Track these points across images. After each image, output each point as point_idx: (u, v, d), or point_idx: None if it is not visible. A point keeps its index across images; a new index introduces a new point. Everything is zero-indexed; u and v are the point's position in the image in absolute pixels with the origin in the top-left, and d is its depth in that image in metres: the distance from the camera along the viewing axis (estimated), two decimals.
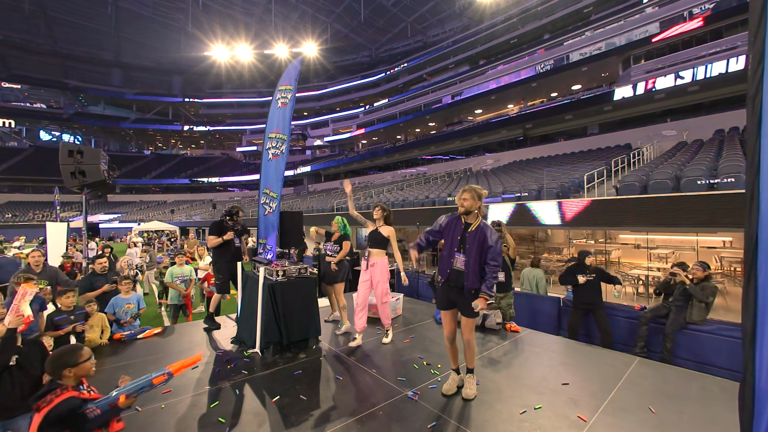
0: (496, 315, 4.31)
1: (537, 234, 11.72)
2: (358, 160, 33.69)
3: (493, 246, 2.49)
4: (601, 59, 18.84)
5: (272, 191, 3.96)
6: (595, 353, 3.62)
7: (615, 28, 19.22)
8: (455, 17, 34.71)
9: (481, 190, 2.64)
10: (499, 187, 11.12)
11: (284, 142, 3.89)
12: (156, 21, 42.55)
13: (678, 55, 15.77)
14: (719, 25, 15.06)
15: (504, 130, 22.43)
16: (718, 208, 5.70)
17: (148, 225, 19.92)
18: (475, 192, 2.59)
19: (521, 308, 4.81)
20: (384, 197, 16.53)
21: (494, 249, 2.49)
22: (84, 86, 45.40)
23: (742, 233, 1.25)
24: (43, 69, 43.38)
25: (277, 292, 3.46)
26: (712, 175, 6.52)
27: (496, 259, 2.49)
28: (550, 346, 3.82)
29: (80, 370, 1.72)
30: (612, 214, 7.08)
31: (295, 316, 3.54)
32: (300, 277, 3.70)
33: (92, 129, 47.98)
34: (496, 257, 2.49)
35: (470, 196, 2.57)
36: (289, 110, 3.92)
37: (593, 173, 8.24)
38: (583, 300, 4.50)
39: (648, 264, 8.77)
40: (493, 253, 2.49)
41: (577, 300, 4.55)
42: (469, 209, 2.58)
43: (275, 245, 3.91)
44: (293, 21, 41.88)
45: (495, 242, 2.50)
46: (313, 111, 44.16)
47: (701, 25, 15.33)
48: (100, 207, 38.17)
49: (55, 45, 43.49)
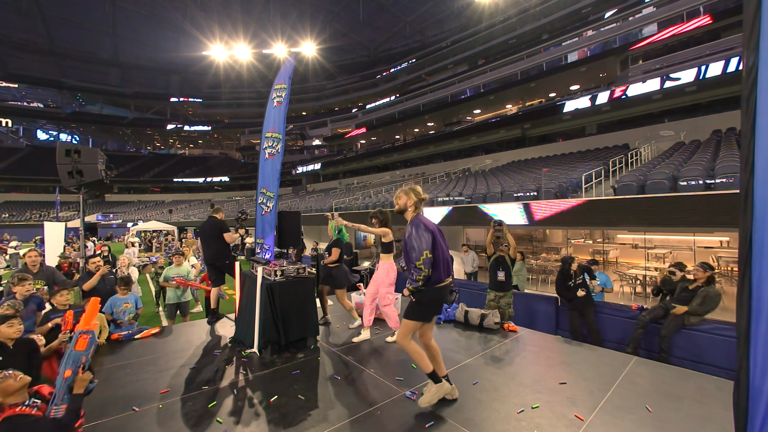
0: (494, 315, 4.34)
1: (535, 234, 11.76)
2: (357, 159, 33.69)
3: (406, 239, 2.51)
4: (599, 59, 18.97)
5: (269, 191, 3.96)
6: (592, 353, 3.64)
7: (613, 29, 19.35)
8: (454, 17, 34.72)
9: (416, 187, 2.68)
10: (498, 187, 11.15)
11: (280, 140, 3.89)
12: (154, 20, 42.47)
13: (676, 56, 15.84)
14: (717, 26, 15.15)
15: (503, 129, 22.49)
16: (715, 208, 5.72)
17: (146, 225, 19.86)
18: (406, 191, 2.64)
19: (519, 308, 4.84)
20: (382, 197, 16.53)
21: (407, 242, 2.49)
22: (81, 85, 45.21)
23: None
24: (40, 68, 43.21)
25: (275, 292, 3.45)
26: (709, 175, 6.54)
27: (409, 252, 2.47)
28: (547, 346, 3.83)
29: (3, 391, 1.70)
30: (608, 213, 7.09)
31: (293, 316, 3.53)
32: (298, 277, 3.69)
33: (90, 128, 47.81)
34: (408, 250, 2.47)
35: (402, 194, 2.65)
36: (284, 109, 3.91)
37: (591, 173, 8.26)
38: (576, 303, 4.60)
39: (646, 264, 8.81)
40: (407, 246, 2.50)
41: (571, 303, 4.65)
42: (402, 208, 2.66)
43: (273, 245, 3.90)
44: (292, 20, 41.81)
45: (408, 235, 2.49)
46: (312, 110, 44.13)
47: (699, 26, 15.43)
48: (98, 207, 38.03)
49: (52, 44, 43.32)
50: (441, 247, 2.52)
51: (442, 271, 2.50)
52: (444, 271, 2.52)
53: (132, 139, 52.57)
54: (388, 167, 31.03)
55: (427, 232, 2.45)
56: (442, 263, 2.50)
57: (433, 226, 2.54)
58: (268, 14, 40.57)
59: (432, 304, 2.54)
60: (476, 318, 4.33)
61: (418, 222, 2.50)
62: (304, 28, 41.12)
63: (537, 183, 9.98)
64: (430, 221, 2.60)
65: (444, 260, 2.52)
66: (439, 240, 2.53)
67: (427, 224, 2.51)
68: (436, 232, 2.52)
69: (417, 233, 2.44)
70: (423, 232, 2.44)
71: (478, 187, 12.32)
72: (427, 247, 2.39)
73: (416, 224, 2.49)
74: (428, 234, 2.45)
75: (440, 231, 2.61)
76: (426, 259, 2.38)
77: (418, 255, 2.37)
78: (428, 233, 2.45)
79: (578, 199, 7.60)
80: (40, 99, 45.80)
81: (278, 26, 41.32)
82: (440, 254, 2.49)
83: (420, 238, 2.42)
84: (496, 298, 4.65)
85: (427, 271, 2.37)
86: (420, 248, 2.39)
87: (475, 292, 5.89)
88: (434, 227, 2.55)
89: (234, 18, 41.81)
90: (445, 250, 2.58)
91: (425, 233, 2.44)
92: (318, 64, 43.70)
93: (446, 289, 2.54)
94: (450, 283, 2.58)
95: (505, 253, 4.74)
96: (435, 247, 2.46)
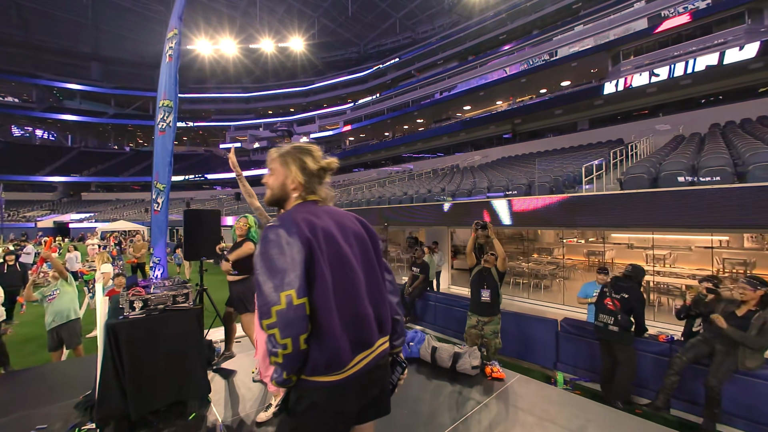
0: (473, 354, 3.13)
1: (526, 233, 11.02)
2: (343, 156, 32.81)
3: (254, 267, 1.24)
4: (590, 55, 18.48)
5: (160, 182, 2.84)
6: (612, 417, 2.53)
7: (604, 24, 18.94)
8: (444, 13, 34.17)
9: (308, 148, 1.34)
10: (485, 182, 10.37)
11: (171, 110, 2.80)
12: (136, 13, 40.99)
13: (667, 50, 15.50)
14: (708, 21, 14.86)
15: (492, 125, 21.89)
16: (748, 204, 4.44)
17: (113, 225, 18.57)
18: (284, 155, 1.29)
19: (509, 333, 3.88)
20: (367, 193, 15.68)
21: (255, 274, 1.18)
22: (59, 79, 43.42)
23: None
24: (14, 61, 41.28)
25: (122, 339, 2.22)
26: (735, 164, 5.67)
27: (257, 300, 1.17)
28: (551, 408, 2.64)
29: None
30: (615, 211, 5.80)
31: (161, 372, 2.31)
32: (174, 309, 2.45)
33: (68, 124, 45.90)
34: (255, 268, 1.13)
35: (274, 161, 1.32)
36: (175, 64, 2.87)
37: (591, 165, 7.41)
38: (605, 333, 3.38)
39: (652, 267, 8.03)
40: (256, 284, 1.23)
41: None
42: (276, 194, 1.31)
43: (165, 258, 2.86)
44: (279, 15, 40.83)
45: (255, 258, 1.12)
46: (300, 107, 43.08)
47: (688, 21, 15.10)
48: (73, 206, 36.32)
49: (28, 36, 41.49)
50: (346, 279, 1.11)
51: (344, 341, 1.07)
52: (353, 339, 1.09)
53: (113, 135, 50.71)
54: (376, 164, 30.22)
55: (298, 243, 1.04)
56: (347, 319, 1.09)
57: (329, 227, 1.15)
58: (255, 8, 39.44)
59: (318, 421, 1.07)
60: (447, 359, 3.13)
61: (288, 221, 1.10)
62: (292, 22, 40.20)
63: (528, 177, 9.23)
64: (334, 216, 1.22)
65: (356, 309, 1.11)
66: (346, 257, 1.13)
67: (310, 224, 1.11)
68: (335, 241, 1.13)
69: (269, 251, 1.05)
70: (286, 245, 1.04)
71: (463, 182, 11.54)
72: (292, 284, 1.00)
73: (281, 226, 1.08)
74: (300, 247, 1.04)
75: (364, 235, 1.25)
76: (285, 317, 0.99)
77: (266, 306, 1.01)
78: (300, 244, 1.04)
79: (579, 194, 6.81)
80: (14, 93, 43.83)
81: (265, 21, 40.29)
82: (340, 297, 1.08)
83: (273, 261, 1.03)
84: (479, 324, 3.63)
85: (289, 347, 0.99)
86: (269, 291, 1.01)
87: (455, 309, 4.94)
88: (332, 228, 1.15)
89: (219, 12, 40.61)
90: (362, 281, 1.15)
91: (293, 246, 1.04)
92: (306, 60, 42.73)
93: (356, 387, 1.10)
94: (375, 366, 1.16)
95: (491, 264, 3.72)
96: (317, 281, 1.05)
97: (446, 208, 8.28)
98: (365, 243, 1.24)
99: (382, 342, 1.20)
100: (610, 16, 19.01)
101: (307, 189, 1.25)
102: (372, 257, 1.23)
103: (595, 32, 19.15)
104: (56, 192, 39.41)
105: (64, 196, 39.29)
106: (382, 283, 1.25)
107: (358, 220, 1.29)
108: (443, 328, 5.81)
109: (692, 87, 14.20)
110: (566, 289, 8.46)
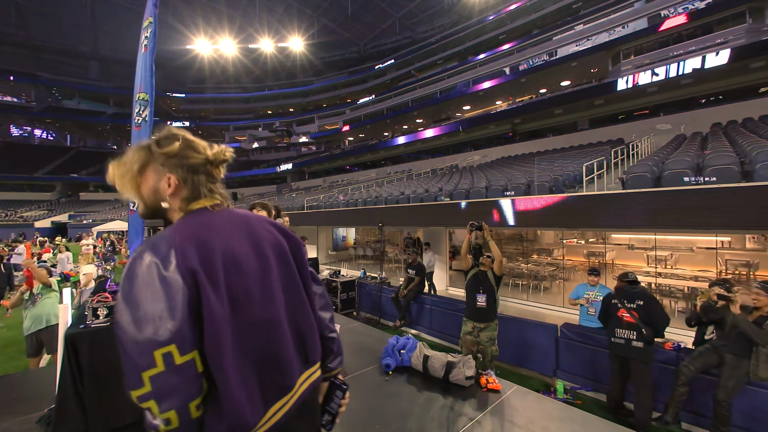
0: (467, 363, 2.86)
1: (526, 233, 10.84)
2: (342, 156, 32.65)
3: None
4: (590, 54, 18.35)
5: None
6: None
7: (604, 23, 18.83)
8: (444, 13, 34.08)
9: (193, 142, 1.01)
10: (483, 181, 10.19)
11: (147, 104, 2.62)
12: (135, 12, 40.83)
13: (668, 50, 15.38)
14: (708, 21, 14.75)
15: (492, 125, 21.74)
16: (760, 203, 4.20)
17: (109, 225, 18.40)
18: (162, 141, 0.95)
19: (507, 338, 3.68)
20: (365, 193, 15.50)
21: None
22: (58, 79, 43.34)
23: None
24: (13, 60, 41.21)
25: (82, 350, 2.02)
26: (742, 163, 5.47)
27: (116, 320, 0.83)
28: (548, 425, 2.41)
29: None
30: (616, 212, 5.55)
31: (122, 387, 1.92)
32: None
33: (66, 124, 45.79)
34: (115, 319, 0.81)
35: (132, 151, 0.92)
36: (150, 54, 2.70)
37: (592, 164, 7.23)
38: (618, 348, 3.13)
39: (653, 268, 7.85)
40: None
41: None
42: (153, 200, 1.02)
43: None
44: (279, 14, 40.71)
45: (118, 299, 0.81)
46: (299, 107, 42.96)
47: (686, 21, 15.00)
48: (71, 206, 36.16)
49: (27, 36, 41.41)
50: (255, 311, 0.83)
51: (251, 396, 0.79)
52: (265, 388, 0.83)
53: (112, 135, 50.60)
54: (375, 164, 30.07)
55: (178, 280, 0.73)
56: (256, 365, 0.82)
57: (230, 244, 0.84)
58: (254, 8, 39.34)
59: None
60: (439, 368, 2.90)
61: (165, 245, 0.77)
62: (292, 22, 40.07)
63: (528, 177, 9.05)
64: (242, 225, 0.92)
65: (268, 349, 0.85)
66: (257, 280, 0.85)
67: (201, 245, 0.79)
68: (240, 262, 0.83)
69: (135, 293, 0.71)
70: (160, 283, 0.72)
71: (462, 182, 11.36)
72: (171, 337, 0.70)
73: (154, 253, 0.75)
74: (181, 284, 0.73)
75: (283, 244, 0.98)
76: (165, 383, 0.70)
77: (135, 373, 0.70)
78: (182, 280, 0.73)
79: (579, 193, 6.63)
80: (13, 93, 43.73)
81: (264, 20, 40.18)
82: (246, 337, 0.81)
83: (140, 307, 0.71)
84: (475, 330, 3.46)
85: (174, 422, 0.70)
86: (137, 352, 0.70)
87: (449, 313, 4.75)
88: (238, 243, 0.86)
89: (219, 11, 40.54)
90: (280, 305, 0.90)
91: (171, 283, 0.72)
92: (306, 60, 42.60)
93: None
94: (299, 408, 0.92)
95: (487, 267, 3.54)
96: (208, 324, 0.74)
97: (463, 206, 7.95)
98: (285, 254, 0.96)
99: (307, 376, 0.96)
100: (610, 15, 18.94)
101: (192, 191, 0.89)
102: (293, 271, 0.97)
103: (595, 32, 19.04)
104: (54, 192, 39.26)
105: (62, 196, 39.14)
106: (307, 301, 1.00)
107: (274, 226, 1.00)
108: (439, 333, 5.64)
109: (693, 86, 14.06)
110: (566, 290, 8.28)
